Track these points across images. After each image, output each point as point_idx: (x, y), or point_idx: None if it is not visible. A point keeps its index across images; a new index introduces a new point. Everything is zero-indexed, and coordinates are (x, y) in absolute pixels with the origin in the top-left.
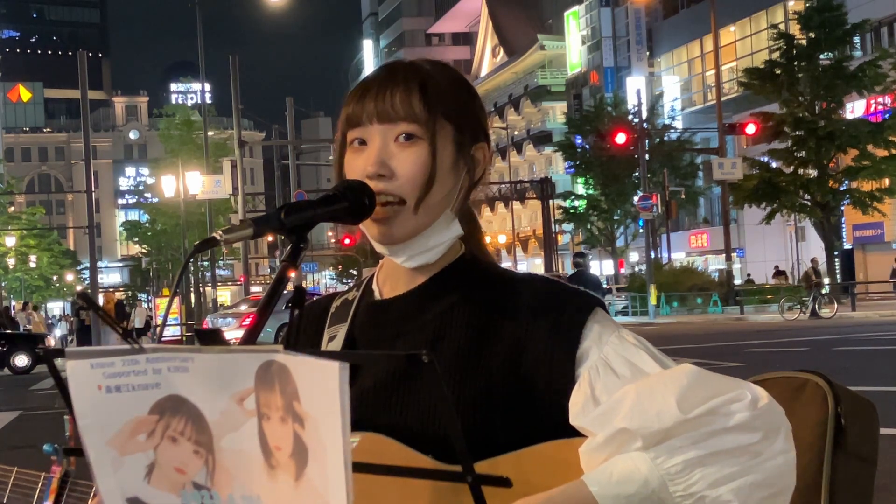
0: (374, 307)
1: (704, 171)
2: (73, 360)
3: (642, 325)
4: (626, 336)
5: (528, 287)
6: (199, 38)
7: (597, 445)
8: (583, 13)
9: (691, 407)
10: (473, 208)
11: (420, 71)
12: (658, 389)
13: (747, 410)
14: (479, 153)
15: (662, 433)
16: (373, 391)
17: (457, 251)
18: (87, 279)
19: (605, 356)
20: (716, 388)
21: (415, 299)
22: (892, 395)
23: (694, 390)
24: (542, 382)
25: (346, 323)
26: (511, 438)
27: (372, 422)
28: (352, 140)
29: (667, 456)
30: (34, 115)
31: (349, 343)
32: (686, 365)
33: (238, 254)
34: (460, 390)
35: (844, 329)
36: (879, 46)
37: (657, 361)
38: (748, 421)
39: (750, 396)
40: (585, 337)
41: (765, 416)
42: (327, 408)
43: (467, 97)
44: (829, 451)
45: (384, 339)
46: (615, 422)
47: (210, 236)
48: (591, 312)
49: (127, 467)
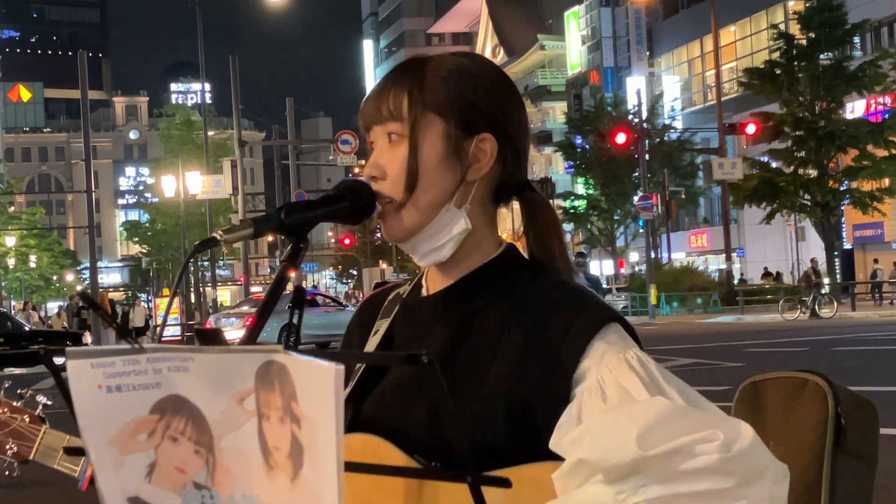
0: (409, 305)
1: (704, 171)
2: (73, 359)
3: (642, 325)
4: (630, 359)
5: (550, 296)
6: (199, 38)
7: (562, 474)
8: (583, 13)
9: (652, 445)
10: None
11: (421, 66)
12: (622, 422)
13: (716, 453)
14: (483, 145)
15: (622, 468)
16: (391, 393)
17: (489, 251)
18: (87, 279)
19: (601, 378)
20: (688, 426)
21: (442, 300)
22: (892, 395)
23: (661, 427)
24: (542, 400)
25: (390, 318)
26: (513, 454)
27: (388, 423)
28: (369, 143)
29: (630, 492)
30: (34, 115)
31: (387, 339)
32: (659, 399)
33: (238, 254)
34: (469, 398)
35: (844, 329)
36: (879, 46)
37: (649, 389)
38: (716, 464)
39: (722, 438)
40: (587, 356)
41: (739, 460)
42: (323, 409)
43: (468, 86)
44: (829, 451)
45: (414, 338)
46: (577, 451)
47: (210, 236)
48: (600, 329)
49: (128, 467)
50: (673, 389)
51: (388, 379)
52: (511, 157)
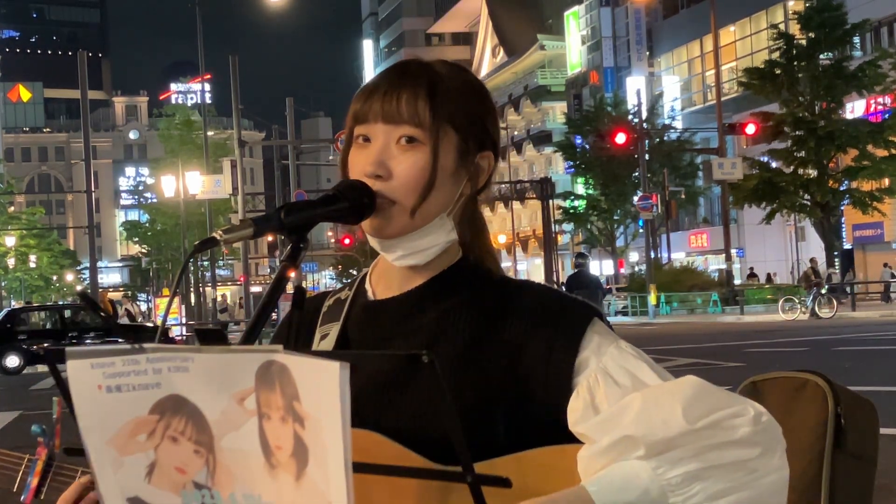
0: (369, 307)
1: (704, 171)
2: (73, 359)
3: (642, 325)
4: (625, 347)
5: (527, 295)
6: (199, 38)
7: (597, 451)
8: (583, 13)
9: (697, 418)
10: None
11: (431, 73)
12: (664, 399)
13: (750, 426)
14: (483, 161)
15: (666, 442)
16: (366, 391)
17: (454, 256)
18: (87, 279)
19: (604, 366)
20: (719, 401)
21: (411, 301)
22: (892, 395)
23: (699, 401)
24: (540, 389)
25: (339, 322)
26: (506, 444)
27: (365, 422)
28: (357, 136)
29: (668, 466)
30: (34, 115)
31: (342, 342)
32: (690, 377)
33: (238, 254)
34: (457, 395)
35: (844, 329)
36: (879, 46)
37: (656, 373)
38: (750, 436)
39: (753, 412)
40: (584, 347)
41: (766, 433)
42: (328, 408)
43: (477, 104)
44: (829, 451)
45: (379, 340)
46: (620, 428)
47: (210, 236)
48: (590, 322)
49: (127, 467)
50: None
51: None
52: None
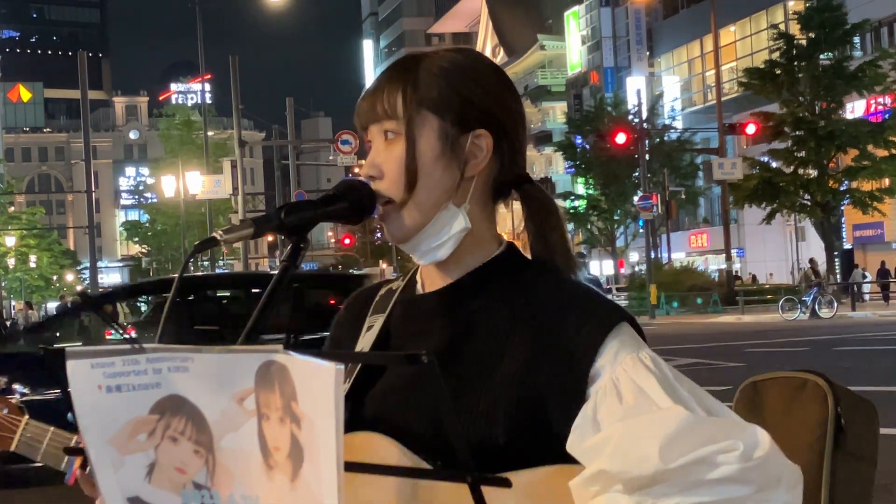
0: (410, 301)
1: (704, 171)
2: (73, 360)
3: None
4: (644, 358)
5: (557, 295)
6: (199, 38)
7: (581, 482)
8: (583, 13)
9: (674, 457)
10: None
11: (411, 64)
12: (643, 433)
13: (738, 462)
14: (479, 141)
15: (643, 479)
16: (392, 391)
17: (490, 249)
18: (87, 279)
19: (615, 377)
20: (708, 436)
21: (444, 298)
22: (892, 395)
23: (682, 438)
24: (556, 399)
25: (384, 314)
26: (521, 455)
27: (390, 422)
28: (366, 141)
29: (650, 502)
30: (34, 115)
31: (383, 335)
32: (679, 409)
33: (238, 254)
34: (475, 398)
35: (844, 329)
36: (879, 46)
37: (667, 390)
38: (737, 473)
39: (742, 448)
40: (601, 354)
41: (759, 469)
42: (323, 409)
43: (468, 82)
44: (829, 451)
45: (414, 335)
46: (598, 462)
47: (210, 236)
48: (613, 328)
49: (128, 467)
50: (685, 390)
51: (387, 376)
52: (508, 152)
